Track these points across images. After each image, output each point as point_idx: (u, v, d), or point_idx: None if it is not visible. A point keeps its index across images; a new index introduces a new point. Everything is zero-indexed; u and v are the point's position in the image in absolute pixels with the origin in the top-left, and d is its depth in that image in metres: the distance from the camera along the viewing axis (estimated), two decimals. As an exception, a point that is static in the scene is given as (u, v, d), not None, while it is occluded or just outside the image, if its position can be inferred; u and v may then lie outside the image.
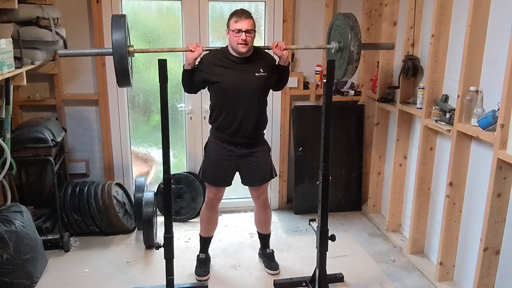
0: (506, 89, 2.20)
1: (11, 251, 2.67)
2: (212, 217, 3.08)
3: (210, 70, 2.73)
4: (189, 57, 2.66)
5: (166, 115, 2.35)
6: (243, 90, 2.73)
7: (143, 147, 4.09)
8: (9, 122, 2.99)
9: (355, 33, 2.46)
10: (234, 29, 2.60)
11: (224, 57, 2.73)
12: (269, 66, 2.79)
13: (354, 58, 2.48)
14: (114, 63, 2.29)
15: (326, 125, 2.57)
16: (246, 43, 2.61)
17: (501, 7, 2.43)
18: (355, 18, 2.53)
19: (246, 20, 2.60)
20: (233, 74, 2.71)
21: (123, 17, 2.34)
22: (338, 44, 2.61)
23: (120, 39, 2.26)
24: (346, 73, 2.56)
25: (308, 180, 4.02)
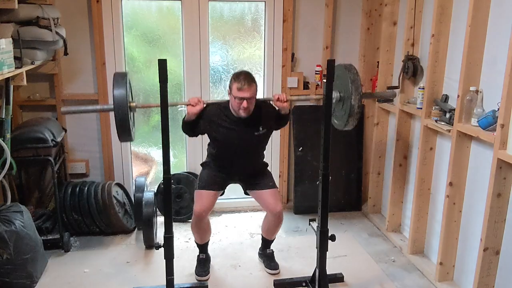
0: (506, 89, 2.20)
1: (11, 251, 2.67)
2: (203, 227, 2.99)
3: (211, 127, 2.82)
4: (190, 112, 2.72)
5: (166, 115, 2.35)
6: (243, 147, 2.85)
7: (143, 147, 4.09)
8: (9, 122, 2.99)
9: (356, 87, 2.51)
10: (236, 96, 2.64)
11: (224, 115, 2.80)
12: (269, 120, 2.87)
13: (355, 111, 2.54)
14: (115, 119, 2.36)
15: (326, 125, 2.57)
16: (248, 109, 2.68)
17: (501, 7, 2.43)
18: (356, 71, 2.58)
19: (249, 88, 2.63)
20: (234, 134, 2.80)
21: (125, 74, 2.42)
22: (339, 94, 2.66)
23: (122, 96, 2.33)
24: (347, 124, 2.63)
25: (308, 180, 4.02)
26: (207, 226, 3.02)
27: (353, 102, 2.51)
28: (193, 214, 2.91)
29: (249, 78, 2.66)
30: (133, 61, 3.84)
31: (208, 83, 3.90)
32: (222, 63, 3.96)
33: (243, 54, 3.95)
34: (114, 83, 2.35)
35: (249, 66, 3.97)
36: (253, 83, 2.66)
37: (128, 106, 2.36)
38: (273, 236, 3.16)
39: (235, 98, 2.65)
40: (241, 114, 2.70)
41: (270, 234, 3.13)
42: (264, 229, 3.13)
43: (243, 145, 2.84)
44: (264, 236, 3.16)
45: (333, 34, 3.92)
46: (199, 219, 2.89)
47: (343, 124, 2.66)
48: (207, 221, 3.00)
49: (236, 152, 2.86)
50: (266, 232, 3.13)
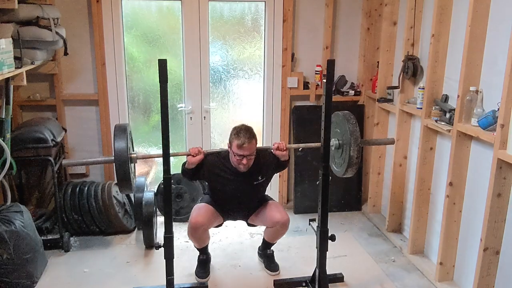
0: (506, 89, 2.20)
1: (11, 251, 2.68)
2: (198, 237, 2.93)
3: (210, 177, 2.87)
4: (190, 162, 2.75)
5: (166, 115, 2.35)
6: (242, 196, 2.91)
7: (143, 147, 4.09)
8: (9, 122, 2.99)
9: (355, 139, 2.57)
10: (236, 153, 2.68)
11: (225, 166, 2.83)
12: (268, 169, 2.90)
13: (353, 162, 2.60)
14: (116, 170, 2.40)
15: (326, 125, 2.57)
16: (247, 165, 2.72)
17: (501, 7, 2.43)
18: (354, 121, 2.62)
19: (249, 145, 2.66)
20: (233, 185, 2.85)
21: (125, 126, 2.46)
22: (338, 142, 2.71)
23: (122, 148, 2.38)
24: (346, 173, 2.69)
25: (308, 180, 4.02)
26: (204, 237, 2.99)
27: (351, 153, 2.57)
28: (188, 224, 2.86)
29: (250, 134, 2.69)
30: (133, 61, 3.84)
31: (208, 83, 3.90)
32: (222, 63, 3.96)
33: (243, 54, 3.95)
34: (115, 135, 2.41)
35: (249, 66, 3.97)
36: (253, 140, 2.70)
37: (129, 158, 2.42)
38: (277, 240, 3.16)
39: (235, 154, 2.70)
40: (241, 169, 2.75)
41: (275, 239, 3.12)
42: (269, 235, 3.09)
43: (242, 194, 2.90)
44: (267, 240, 3.14)
45: (333, 34, 3.92)
46: (194, 230, 2.85)
47: (342, 172, 2.72)
48: (205, 232, 2.95)
49: (235, 199, 2.92)
50: (271, 238, 3.11)
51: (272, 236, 3.06)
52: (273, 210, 2.93)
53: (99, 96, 3.75)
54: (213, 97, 3.98)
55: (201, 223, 2.83)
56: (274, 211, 2.93)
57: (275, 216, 2.90)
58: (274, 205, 3.00)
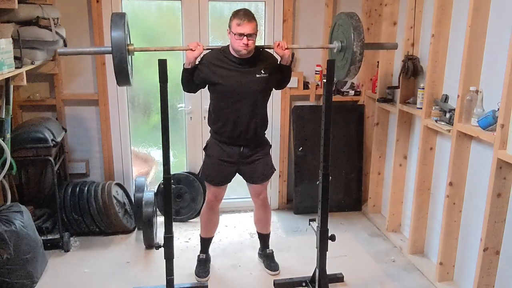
0: (506, 89, 2.20)
1: (11, 251, 2.68)
2: (212, 218, 3.08)
3: (211, 71, 2.72)
4: (190, 56, 2.63)
5: (166, 115, 2.35)
6: (244, 91, 2.72)
7: (143, 147, 4.09)
8: (9, 122, 2.99)
9: (358, 33, 2.44)
10: (236, 33, 2.58)
11: (225, 57, 2.72)
12: (270, 67, 2.78)
13: (357, 59, 2.46)
14: (113, 62, 2.27)
15: (326, 125, 2.57)
16: (248, 46, 2.60)
17: (501, 7, 2.43)
18: (358, 17, 2.51)
19: (249, 24, 2.56)
20: (234, 76, 2.70)
21: (123, 15, 2.33)
22: (341, 43, 2.59)
23: (119, 37, 2.24)
24: (348, 73, 2.55)
25: (308, 180, 4.01)
26: (216, 217, 3.08)
27: (355, 49, 2.43)
28: (205, 203, 3.00)
29: (249, 14, 2.59)
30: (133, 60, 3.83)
31: (208, 83, 3.89)
32: (222, 63, 3.95)
33: (243, 54, 3.95)
34: (112, 24, 2.26)
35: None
36: (253, 20, 2.58)
37: (126, 49, 2.29)
38: (266, 228, 3.17)
39: (234, 34, 2.58)
40: (241, 51, 2.60)
41: (262, 225, 3.15)
42: (255, 221, 3.17)
43: (245, 90, 2.72)
44: (258, 230, 3.19)
45: (333, 34, 3.92)
46: (211, 207, 2.99)
47: (344, 74, 2.58)
48: (217, 213, 3.06)
49: (238, 101, 2.74)
50: (258, 224, 3.17)
51: (259, 221, 3.14)
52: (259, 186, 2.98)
53: (99, 96, 3.75)
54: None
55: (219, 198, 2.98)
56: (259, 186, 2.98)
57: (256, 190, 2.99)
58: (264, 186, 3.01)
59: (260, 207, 3.09)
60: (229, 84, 2.71)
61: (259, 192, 3.02)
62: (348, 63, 2.51)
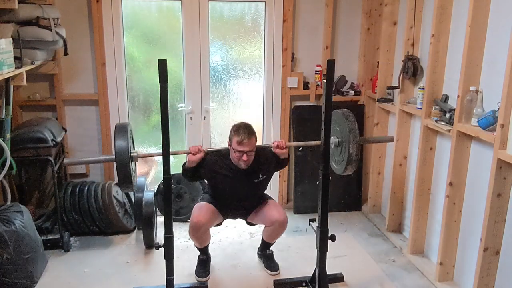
0: (506, 89, 2.20)
1: (11, 251, 2.68)
2: (199, 236, 2.94)
3: (211, 175, 2.87)
4: (191, 160, 2.76)
5: (166, 115, 2.35)
6: (242, 194, 2.92)
7: (143, 147, 4.09)
8: (9, 122, 2.99)
9: (354, 136, 2.57)
10: (236, 150, 2.68)
11: (225, 164, 2.84)
12: (268, 167, 2.91)
13: (353, 159, 2.60)
14: (117, 170, 2.40)
15: (326, 125, 2.57)
16: (247, 162, 2.72)
17: (501, 7, 2.43)
18: (353, 118, 2.63)
19: (249, 142, 2.67)
20: (233, 182, 2.85)
21: (126, 125, 2.47)
22: (337, 140, 2.72)
23: (123, 146, 2.38)
24: (345, 171, 2.69)
25: (308, 180, 4.02)
26: (205, 236, 3.00)
27: (351, 150, 2.58)
28: (190, 224, 2.88)
29: (249, 131, 2.71)
30: (133, 61, 3.84)
31: (208, 83, 3.90)
32: (222, 63, 3.96)
33: (243, 54, 3.95)
34: (115, 134, 2.41)
35: (249, 66, 3.97)
36: (253, 136, 2.71)
37: (130, 157, 2.42)
38: (276, 240, 3.15)
39: (235, 151, 2.70)
40: (241, 166, 2.76)
41: (273, 239, 3.12)
42: (267, 235, 3.09)
43: (243, 192, 2.91)
44: (266, 240, 3.14)
45: (333, 34, 3.92)
46: (195, 230, 2.86)
47: (341, 169, 2.71)
48: (206, 231, 2.95)
49: (235, 197, 2.94)
50: (269, 238, 3.11)
51: (271, 235, 3.06)
52: (271, 209, 2.95)
53: (99, 96, 3.75)
54: (213, 97, 3.98)
55: (203, 222, 2.84)
56: (272, 210, 2.94)
57: (274, 215, 2.91)
58: (273, 204, 3.01)
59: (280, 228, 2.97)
60: (228, 188, 2.89)
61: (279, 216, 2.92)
62: (345, 161, 2.64)
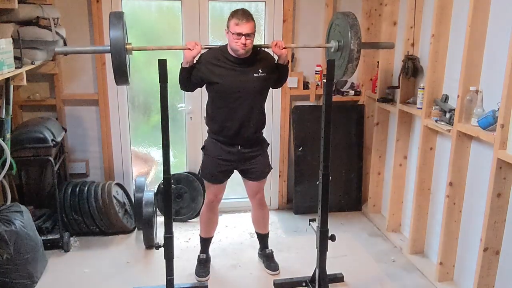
0: (506, 89, 2.20)
1: (11, 251, 2.68)
2: (212, 218, 3.09)
3: (208, 70, 2.72)
4: (188, 55, 2.64)
5: (166, 115, 2.35)
6: (242, 91, 2.72)
7: (143, 147, 4.09)
8: (9, 122, 2.99)
9: (355, 31, 2.45)
10: (234, 32, 2.58)
11: (223, 57, 2.72)
12: (268, 66, 2.78)
13: (354, 57, 2.47)
14: (112, 61, 2.29)
15: (326, 125, 2.57)
16: (246, 46, 2.60)
17: (501, 7, 2.43)
18: (354, 16, 2.52)
19: (247, 23, 2.57)
20: (232, 75, 2.70)
21: (121, 14, 2.33)
22: (338, 43, 2.60)
23: (118, 37, 2.25)
24: (346, 72, 2.55)
25: (308, 180, 4.01)
26: (216, 217, 3.10)
27: (352, 46, 2.44)
28: (205, 203, 3.02)
29: (248, 14, 2.60)
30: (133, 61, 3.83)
31: (208, 83, 3.89)
32: (222, 63, 3.95)
33: (243, 54, 3.94)
34: (110, 24, 2.27)
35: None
36: (252, 20, 2.59)
37: (125, 48, 2.30)
38: (265, 228, 3.18)
39: (233, 34, 2.58)
40: (239, 51, 2.61)
41: (260, 225, 3.17)
42: (253, 220, 3.19)
43: (243, 89, 2.72)
44: (256, 230, 3.20)
45: (333, 34, 3.92)
46: (211, 207, 3.01)
47: (341, 72, 2.58)
48: (217, 213, 3.08)
49: (236, 100, 2.74)
50: (256, 224, 3.18)
51: (256, 220, 3.15)
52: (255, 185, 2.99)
53: (99, 96, 3.75)
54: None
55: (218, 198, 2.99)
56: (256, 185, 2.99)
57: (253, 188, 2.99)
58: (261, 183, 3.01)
59: (257, 206, 3.10)
60: (227, 83, 2.71)
61: (256, 191, 3.02)
62: (346, 61, 2.51)
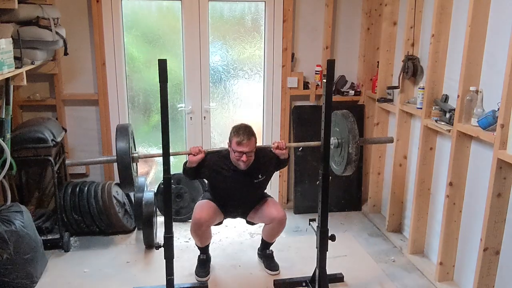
0: (506, 89, 2.20)
1: (11, 251, 2.68)
2: (201, 235, 2.96)
3: (211, 175, 2.90)
4: (191, 161, 2.78)
5: (166, 115, 2.35)
6: (243, 194, 2.95)
7: (143, 147, 4.09)
8: (9, 122, 2.99)
9: (354, 136, 2.58)
10: (235, 151, 2.70)
11: (225, 165, 2.86)
12: (268, 168, 2.93)
13: (352, 159, 2.61)
14: (119, 171, 2.41)
15: (326, 125, 2.57)
16: (246, 162, 2.73)
17: (501, 7, 2.43)
18: (353, 119, 2.64)
19: (248, 142, 2.69)
20: (233, 182, 2.87)
21: (127, 127, 2.49)
22: (337, 140, 2.73)
23: (124, 148, 2.40)
24: (345, 172, 2.70)
25: (308, 180, 4.01)
26: (207, 234, 3.01)
27: (350, 150, 2.59)
28: (192, 221, 2.90)
29: (248, 132, 2.72)
30: (133, 61, 3.84)
31: (208, 83, 3.90)
32: (222, 63, 3.96)
33: (243, 54, 3.95)
34: (117, 135, 2.43)
35: (249, 66, 3.97)
36: (252, 137, 2.72)
37: (131, 157, 2.43)
38: (275, 239, 3.16)
39: (234, 152, 2.72)
40: (241, 166, 2.77)
41: (273, 237, 3.13)
42: (267, 233, 3.11)
43: (243, 192, 2.93)
44: (265, 239, 3.15)
45: (333, 34, 3.92)
46: (197, 226, 2.88)
47: (341, 170, 2.72)
48: (207, 229, 2.96)
49: (235, 196, 2.96)
50: (269, 237, 3.12)
51: (270, 234, 3.08)
52: (270, 207, 2.97)
53: (99, 96, 3.75)
54: (213, 97, 3.98)
55: (205, 219, 2.86)
56: (271, 208, 2.96)
57: (272, 213, 2.94)
58: (272, 202, 3.03)
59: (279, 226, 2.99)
60: (228, 188, 2.91)
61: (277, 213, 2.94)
62: (345, 161, 2.65)
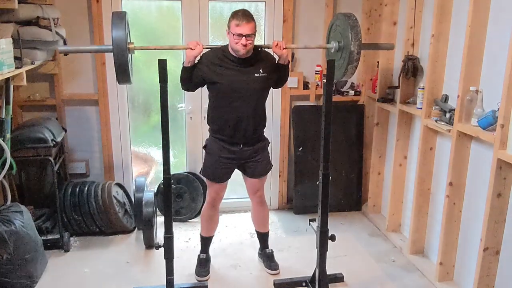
0: (506, 89, 2.20)
1: (11, 251, 2.68)
2: (213, 217, 3.09)
3: (210, 70, 2.73)
4: (189, 55, 2.65)
5: (166, 115, 2.35)
6: (243, 90, 2.74)
7: (143, 147, 4.09)
8: (9, 122, 2.99)
9: (356, 33, 2.46)
10: (234, 33, 2.60)
11: (224, 56, 2.73)
12: (269, 66, 2.79)
13: (354, 58, 2.47)
14: (114, 60, 2.28)
15: (326, 125, 2.57)
16: (246, 46, 2.61)
17: (501, 7, 2.43)
18: (355, 18, 2.52)
19: (247, 24, 2.58)
20: (233, 75, 2.72)
21: (124, 14, 2.33)
22: (338, 44, 2.61)
23: (120, 36, 2.25)
24: (346, 73, 2.56)
25: (308, 180, 4.01)
26: (217, 216, 3.11)
27: (352, 48, 2.44)
28: (206, 202, 3.02)
29: (248, 14, 2.61)
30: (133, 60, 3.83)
31: (208, 83, 3.89)
32: (222, 63, 3.95)
33: (243, 54, 3.95)
34: (113, 23, 2.27)
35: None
36: (252, 20, 2.60)
37: (127, 48, 2.30)
38: (264, 227, 3.18)
39: (233, 35, 2.60)
40: (240, 51, 2.62)
41: (260, 223, 3.17)
42: (253, 219, 3.20)
43: (244, 89, 2.73)
44: (256, 229, 3.20)
45: (333, 34, 3.92)
46: (212, 206, 3.02)
47: (341, 73, 2.59)
48: (218, 211, 3.08)
49: (237, 100, 2.75)
50: (256, 222, 3.19)
51: (256, 219, 3.16)
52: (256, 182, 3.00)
53: (99, 96, 3.75)
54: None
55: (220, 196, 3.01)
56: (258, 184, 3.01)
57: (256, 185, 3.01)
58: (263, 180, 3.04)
59: (257, 204, 3.11)
60: (228, 83, 2.72)
61: (257, 188, 3.03)
62: (346, 62, 2.52)
